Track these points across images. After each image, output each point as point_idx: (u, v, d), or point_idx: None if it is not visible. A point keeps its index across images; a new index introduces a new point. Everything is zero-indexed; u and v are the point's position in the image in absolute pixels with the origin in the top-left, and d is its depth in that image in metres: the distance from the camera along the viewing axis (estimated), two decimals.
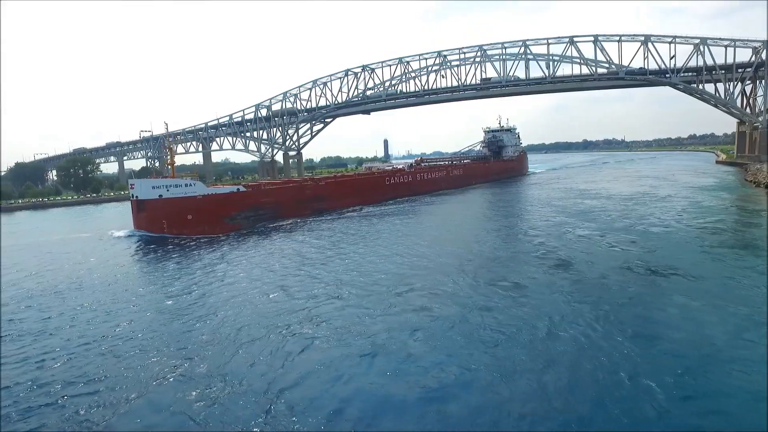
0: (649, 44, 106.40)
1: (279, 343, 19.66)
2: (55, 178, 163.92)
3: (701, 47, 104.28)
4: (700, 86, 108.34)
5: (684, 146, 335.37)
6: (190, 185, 53.99)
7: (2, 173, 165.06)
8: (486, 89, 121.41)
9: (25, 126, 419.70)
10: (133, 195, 54.83)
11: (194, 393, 15.80)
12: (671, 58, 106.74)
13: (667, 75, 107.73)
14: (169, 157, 60.74)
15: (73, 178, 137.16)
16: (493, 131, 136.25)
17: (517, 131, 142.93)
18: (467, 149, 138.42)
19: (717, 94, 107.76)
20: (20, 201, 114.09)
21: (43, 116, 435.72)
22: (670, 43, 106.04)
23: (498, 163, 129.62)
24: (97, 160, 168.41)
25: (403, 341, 19.13)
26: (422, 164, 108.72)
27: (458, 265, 30.54)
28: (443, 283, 26.78)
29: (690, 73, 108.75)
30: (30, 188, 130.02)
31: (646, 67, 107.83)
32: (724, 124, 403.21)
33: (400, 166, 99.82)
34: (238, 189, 58.96)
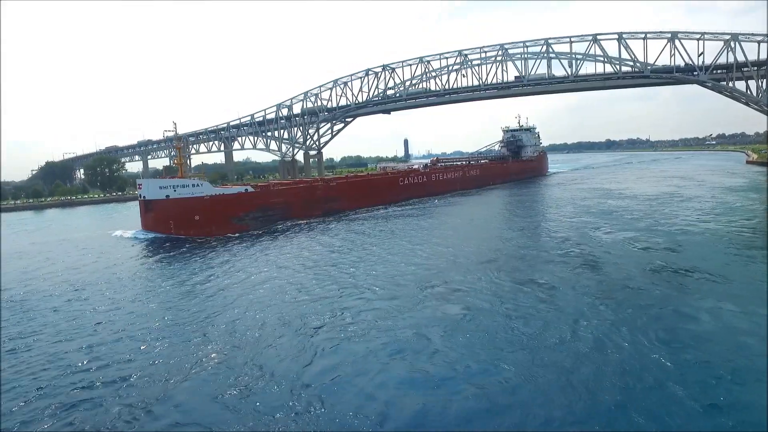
0: (676, 41, 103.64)
1: (301, 340, 19.76)
2: (83, 176, 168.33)
3: (732, 43, 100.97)
4: (730, 83, 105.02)
5: (712, 146, 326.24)
6: (198, 185, 53.44)
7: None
8: (507, 88, 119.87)
9: (55, 126, 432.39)
10: (140, 195, 54.62)
11: (232, 381, 16.40)
12: (699, 55, 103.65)
13: (694, 72, 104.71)
14: (178, 156, 60.59)
15: (100, 177, 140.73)
16: (512, 131, 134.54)
17: (536, 131, 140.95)
18: (485, 149, 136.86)
19: (748, 92, 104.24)
20: (50, 199, 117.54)
21: (73, 116, 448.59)
22: (698, 39, 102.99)
23: (517, 163, 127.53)
24: (123, 159, 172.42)
25: (426, 344, 19.00)
26: (438, 164, 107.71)
27: (479, 264, 30.23)
28: (464, 282, 26.53)
29: (719, 71, 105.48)
30: (59, 186, 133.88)
31: (672, 64, 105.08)
32: (755, 123, 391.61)
33: (415, 167, 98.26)
34: (246, 189, 58.44)
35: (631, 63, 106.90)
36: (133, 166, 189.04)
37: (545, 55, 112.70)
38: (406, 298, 24.32)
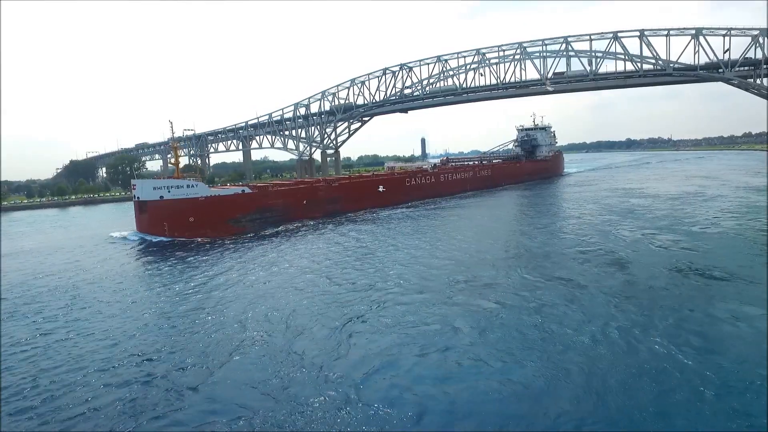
0: (701, 38, 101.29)
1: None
2: (105, 175, 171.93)
3: (761, 38, 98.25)
4: (758, 80, 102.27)
5: (738, 145, 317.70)
6: (193, 186, 51.83)
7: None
8: (525, 87, 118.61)
9: (80, 126, 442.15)
10: (135, 196, 53.15)
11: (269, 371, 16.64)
12: (725, 52, 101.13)
13: (719, 70, 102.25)
14: (174, 156, 58.57)
15: (121, 175, 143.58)
16: (526, 129, 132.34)
17: (552, 129, 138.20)
18: (497, 148, 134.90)
19: None
20: (73, 197, 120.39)
21: (97, 116, 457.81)
22: (724, 35, 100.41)
23: (531, 163, 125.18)
24: (144, 158, 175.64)
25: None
26: (449, 164, 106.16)
27: (481, 286, 30.01)
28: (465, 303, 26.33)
29: (746, 67, 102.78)
30: (82, 184, 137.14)
31: (696, 62, 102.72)
32: None
33: (424, 167, 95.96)
34: (244, 191, 57.28)
35: (653, 61, 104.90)
36: (154, 165, 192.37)
37: (564, 53, 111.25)
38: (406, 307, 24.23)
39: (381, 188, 73.68)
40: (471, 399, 14.69)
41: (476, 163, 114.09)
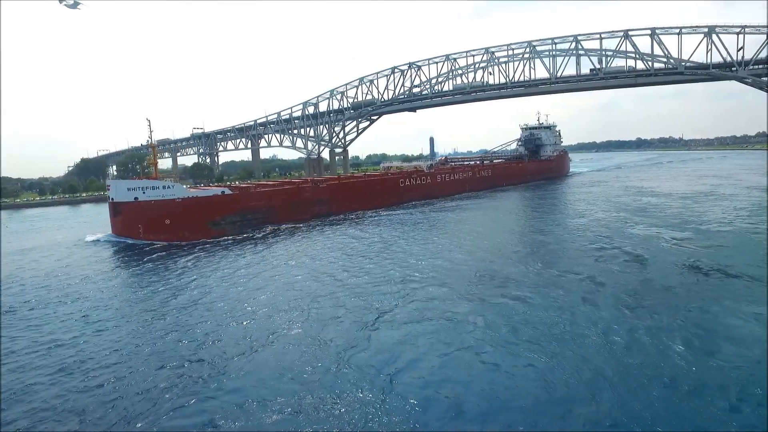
0: (713, 36, 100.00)
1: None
2: (115, 172, 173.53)
3: None
4: None
5: (751, 144, 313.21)
6: (169, 187, 50.17)
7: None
8: (534, 86, 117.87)
9: (91, 124, 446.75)
10: (109, 197, 51.12)
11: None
12: (738, 50, 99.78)
13: (732, 68, 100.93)
14: (152, 156, 56.43)
15: (131, 173, 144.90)
16: (530, 128, 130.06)
17: (557, 128, 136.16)
18: (499, 148, 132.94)
19: None
20: (85, 195, 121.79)
21: (108, 115, 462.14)
22: (738, 33, 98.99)
23: (534, 163, 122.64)
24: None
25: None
26: (449, 164, 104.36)
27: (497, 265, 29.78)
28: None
29: (760, 66, 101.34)
30: (93, 182, 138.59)
31: (709, 60, 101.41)
32: None
33: (422, 167, 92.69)
34: (224, 191, 55.11)
35: (665, 59, 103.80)
36: (163, 163, 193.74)
37: (574, 51, 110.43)
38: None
39: (373, 189, 71.44)
40: (505, 396, 14.80)
41: (476, 163, 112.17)
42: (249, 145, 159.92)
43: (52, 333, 22.10)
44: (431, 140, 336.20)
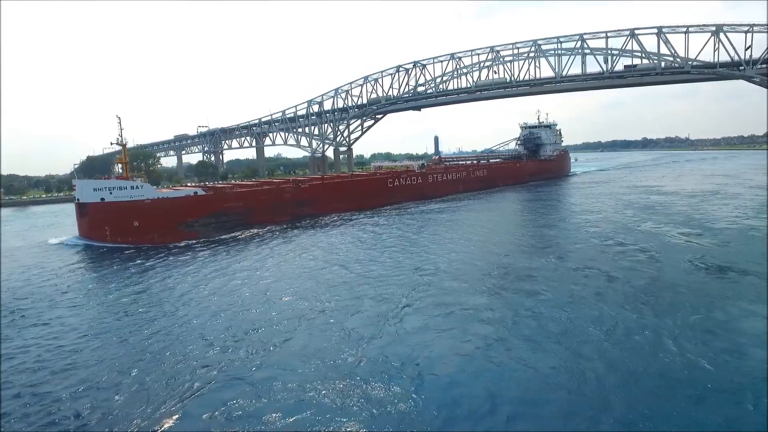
0: (721, 34, 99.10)
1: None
2: (121, 171, 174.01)
3: None
4: None
5: (759, 144, 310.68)
6: (137, 188, 48.53)
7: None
8: (539, 85, 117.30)
9: (98, 121, 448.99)
10: (75, 197, 49.55)
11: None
12: (746, 49, 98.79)
13: (740, 67, 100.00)
14: (123, 156, 55.47)
15: (136, 171, 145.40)
16: (530, 127, 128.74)
17: (558, 127, 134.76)
18: (498, 146, 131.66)
19: None
20: None
21: (114, 112, 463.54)
22: (746, 32, 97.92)
23: (533, 162, 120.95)
24: (159, 154, 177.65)
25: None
26: (443, 163, 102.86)
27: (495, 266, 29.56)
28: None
29: None
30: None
31: (716, 59, 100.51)
32: None
33: (414, 166, 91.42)
34: (196, 192, 53.28)
35: (671, 58, 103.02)
36: (169, 161, 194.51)
37: (579, 50, 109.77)
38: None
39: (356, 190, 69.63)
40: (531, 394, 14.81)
41: (472, 162, 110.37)
42: (254, 144, 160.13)
43: None
44: (436, 139, 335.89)
